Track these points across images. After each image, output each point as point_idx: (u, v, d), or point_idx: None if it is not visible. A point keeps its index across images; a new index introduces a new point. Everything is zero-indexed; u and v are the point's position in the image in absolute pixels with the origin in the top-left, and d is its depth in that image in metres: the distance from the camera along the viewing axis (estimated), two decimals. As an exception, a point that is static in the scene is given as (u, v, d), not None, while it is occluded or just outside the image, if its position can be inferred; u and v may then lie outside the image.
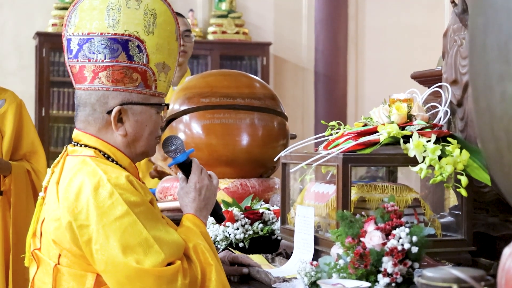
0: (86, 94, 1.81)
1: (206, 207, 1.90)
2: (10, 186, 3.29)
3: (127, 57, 1.79)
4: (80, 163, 1.75)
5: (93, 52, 1.79)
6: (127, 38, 1.78)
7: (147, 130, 1.83)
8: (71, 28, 1.83)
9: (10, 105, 3.41)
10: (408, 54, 7.07)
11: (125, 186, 1.69)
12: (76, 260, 1.70)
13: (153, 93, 1.83)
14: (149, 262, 1.64)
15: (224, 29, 6.78)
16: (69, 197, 1.69)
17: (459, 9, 2.11)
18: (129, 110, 1.80)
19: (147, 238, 1.65)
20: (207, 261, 1.75)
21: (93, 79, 1.79)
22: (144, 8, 1.81)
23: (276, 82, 7.04)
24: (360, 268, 1.63)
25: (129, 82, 1.79)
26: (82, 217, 1.66)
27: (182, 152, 1.91)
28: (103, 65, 1.78)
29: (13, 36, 6.47)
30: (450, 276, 1.22)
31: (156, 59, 1.82)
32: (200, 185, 1.89)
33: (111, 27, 1.78)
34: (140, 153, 1.85)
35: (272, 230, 2.40)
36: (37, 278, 1.80)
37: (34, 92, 6.35)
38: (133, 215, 1.66)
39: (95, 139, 1.81)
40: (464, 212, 2.02)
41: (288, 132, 2.98)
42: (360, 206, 1.98)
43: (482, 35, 1.01)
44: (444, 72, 2.22)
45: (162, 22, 1.83)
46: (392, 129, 1.99)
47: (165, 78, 1.86)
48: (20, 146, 3.42)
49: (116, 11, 1.79)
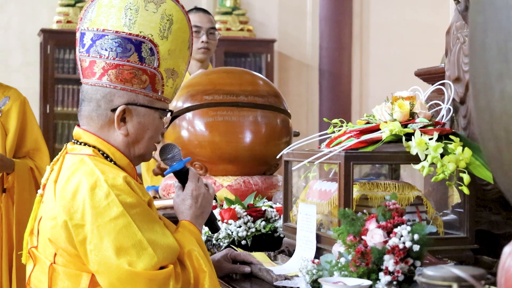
0: (92, 89, 1.81)
1: (202, 215, 1.89)
2: (13, 183, 3.29)
3: (139, 58, 1.78)
4: (78, 162, 1.75)
5: (105, 49, 1.79)
6: (141, 39, 1.78)
7: (149, 133, 1.83)
8: (86, 23, 1.82)
9: (14, 103, 3.41)
10: (413, 51, 7.06)
11: (122, 187, 1.69)
12: (71, 260, 1.70)
13: (159, 97, 1.83)
14: (141, 264, 1.63)
15: (229, 26, 6.78)
16: (66, 196, 1.69)
17: (462, 7, 2.11)
18: (134, 110, 1.80)
19: (141, 241, 1.65)
20: (200, 268, 1.74)
21: (101, 76, 1.79)
22: (161, 13, 1.81)
23: (280, 79, 7.03)
24: (361, 266, 1.63)
25: (137, 83, 1.79)
26: (77, 217, 1.66)
27: (179, 160, 1.91)
28: (114, 63, 1.78)
29: (18, 33, 6.48)
30: (451, 275, 1.22)
31: (166, 65, 1.82)
32: (197, 193, 1.88)
33: (127, 26, 1.78)
34: (138, 156, 1.85)
35: (274, 227, 2.40)
36: (33, 276, 1.80)
37: (39, 89, 6.37)
38: (128, 217, 1.66)
39: (95, 137, 1.81)
40: (467, 210, 2.01)
41: (291, 129, 2.98)
42: (362, 204, 1.98)
43: (481, 33, 1.01)
44: (447, 69, 2.22)
45: (177, 29, 1.83)
46: (394, 126, 1.98)
47: (173, 84, 1.86)
48: (23, 143, 3.43)
49: (133, 12, 1.79)
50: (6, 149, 3.33)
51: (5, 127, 3.36)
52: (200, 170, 2.86)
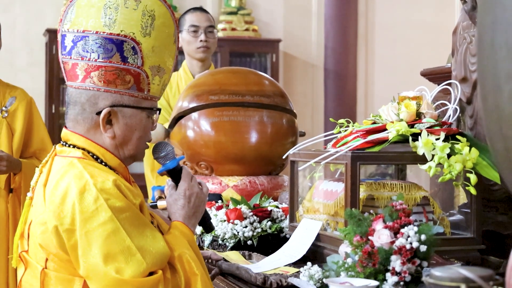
0: (77, 92, 1.77)
1: (195, 215, 1.85)
2: (20, 183, 3.29)
3: (121, 58, 1.74)
4: (67, 165, 1.71)
5: (86, 50, 1.75)
6: (123, 38, 1.74)
7: (137, 134, 1.79)
8: (67, 24, 1.78)
9: (20, 103, 3.41)
10: (419, 51, 7.04)
11: (111, 191, 1.65)
12: (63, 265, 1.67)
13: (145, 96, 1.79)
14: (129, 271, 1.60)
15: (234, 26, 6.78)
16: (55, 200, 1.66)
17: (469, 6, 2.10)
18: (119, 112, 1.76)
19: (130, 247, 1.62)
20: (192, 271, 1.70)
21: (84, 78, 1.75)
22: (142, 9, 1.76)
23: (285, 79, 7.03)
24: (368, 266, 1.62)
25: (121, 84, 1.75)
26: (67, 222, 1.63)
27: (172, 158, 1.87)
28: (96, 64, 1.74)
29: (23, 33, 6.50)
30: (458, 276, 1.22)
31: (151, 62, 1.78)
32: (190, 192, 1.84)
33: (107, 26, 1.74)
34: (129, 157, 1.81)
35: (280, 228, 2.40)
36: (25, 280, 1.77)
37: (44, 89, 6.37)
38: (117, 222, 1.62)
39: (84, 139, 1.77)
40: (474, 210, 2.01)
41: (297, 129, 2.98)
42: (368, 204, 1.97)
43: (490, 33, 1.00)
44: (454, 69, 2.21)
45: (160, 24, 1.79)
46: (401, 127, 1.98)
47: (159, 81, 1.81)
48: (30, 143, 3.43)
49: (113, 10, 1.75)
50: (13, 149, 3.33)
51: (12, 127, 3.37)
52: (206, 170, 2.86)
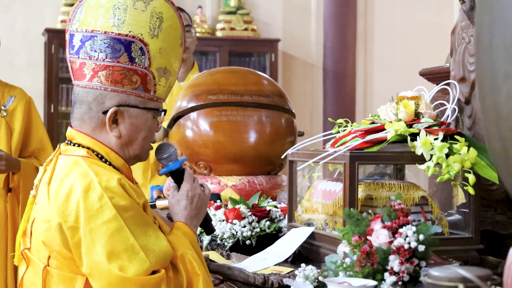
0: (83, 91, 1.78)
1: (197, 216, 1.86)
2: (19, 183, 3.29)
3: (129, 59, 1.76)
4: (72, 164, 1.73)
5: (94, 50, 1.76)
6: (131, 39, 1.76)
7: (142, 134, 1.80)
8: (75, 24, 1.81)
9: (19, 102, 3.41)
10: (417, 50, 7.05)
11: (115, 190, 1.66)
12: (65, 263, 1.68)
13: (152, 97, 1.80)
14: (133, 269, 1.61)
15: (233, 25, 6.78)
16: (59, 198, 1.67)
17: (467, 6, 2.10)
18: (126, 112, 1.77)
19: (133, 245, 1.63)
20: (194, 271, 1.71)
21: (92, 78, 1.77)
22: (151, 11, 1.78)
23: (284, 79, 7.03)
24: (366, 266, 1.62)
25: (128, 84, 1.76)
26: (71, 219, 1.64)
27: (175, 160, 1.88)
28: (104, 64, 1.76)
29: (23, 33, 6.50)
30: (456, 276, 1.22)
31: (158, 63, 1.79)
32: (192, 193, 1.85)
33: (116, 26, 1.76)
34: (133, 157, 1.82)
35: (279, 227, 2.40)
36: (26, 278, 1.77)
37: (43, 89, 6.37)
38: (121, 220, 1.64)
39: (89, 138, 1.78)
40: (472, 210, 2.01)
41: (296, 129, 2.98)
42: (367, 204, 1.98)
43: (488, 33, 1.00)
44: (452, 69, 2.21)
45: (167, 26, 1.80)
46: (399, 127, 1.98)
47: (165, 83, 1.83)
48: (29, 143, 3.43)
49: (122, 11, 1.76)
50: (11, 149, 3.33)
51: (11, 126, 3.37)
52: (205, 170, 2.86)
